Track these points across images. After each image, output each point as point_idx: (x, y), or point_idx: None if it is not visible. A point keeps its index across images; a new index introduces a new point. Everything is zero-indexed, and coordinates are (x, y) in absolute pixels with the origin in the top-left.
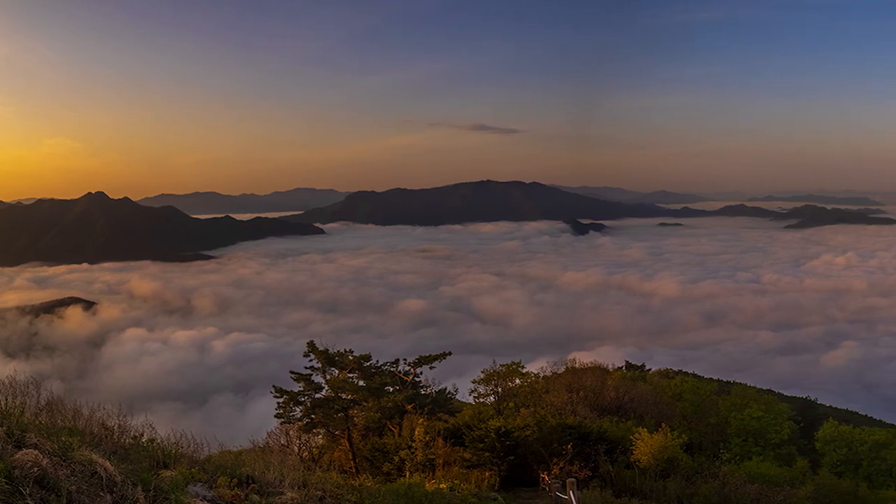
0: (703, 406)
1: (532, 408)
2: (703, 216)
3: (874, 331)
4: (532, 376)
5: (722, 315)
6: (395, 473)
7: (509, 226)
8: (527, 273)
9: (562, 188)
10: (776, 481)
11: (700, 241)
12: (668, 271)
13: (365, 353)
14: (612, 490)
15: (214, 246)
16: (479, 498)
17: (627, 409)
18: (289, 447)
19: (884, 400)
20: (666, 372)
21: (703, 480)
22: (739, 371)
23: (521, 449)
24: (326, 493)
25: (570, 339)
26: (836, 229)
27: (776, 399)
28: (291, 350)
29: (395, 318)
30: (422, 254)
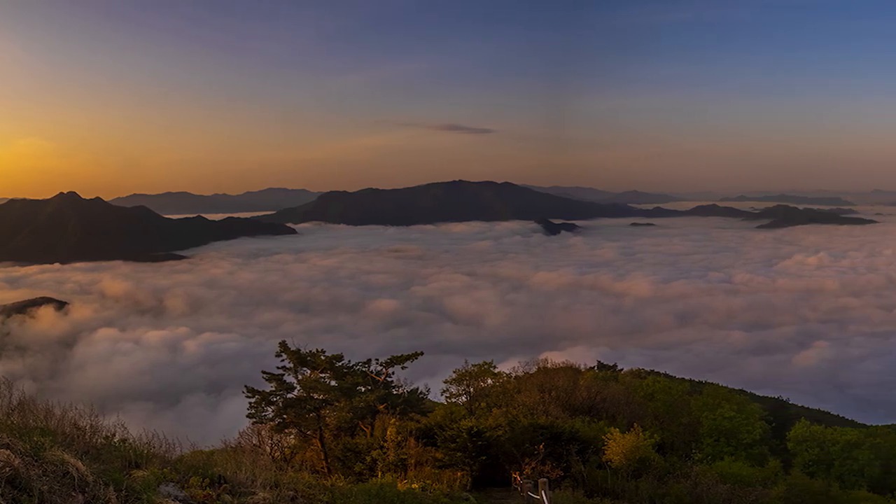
0: (675, 406)
1: (504, 408)
2: (675, 216)
3: (846, 331)
4: (504, 376)
5: (694, 315)
6: (367, 473)
7: (481, 226)
8: (498, 273)
9: (534, 188)
10: (748, 481)
11: (672, 241)
12: (640, 271)
13: (337, 353)
14: (584, 490)
15: (186, 246)
16: (450, 498)
17: (599, 409)
18: (261, 447)
19: (855, 400)
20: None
21: (675, 480)
22: (711, 371)
23: (492, 449)
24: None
25: (542, 339)
26: (808, 229)
27: (748, 399)
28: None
29: (366, 318)
30: (394, 254)
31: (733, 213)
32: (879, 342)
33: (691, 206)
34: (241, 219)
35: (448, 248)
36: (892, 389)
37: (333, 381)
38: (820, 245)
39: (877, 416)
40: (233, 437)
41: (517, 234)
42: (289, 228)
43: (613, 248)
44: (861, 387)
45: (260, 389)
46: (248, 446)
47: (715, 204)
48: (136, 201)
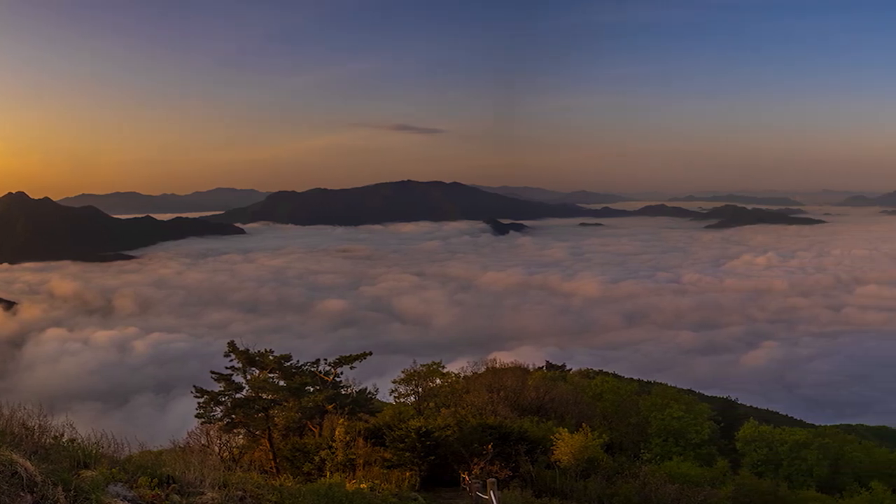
0: (623, 406)
1: (452, 408)
2: (623, 216)
3: (794, 331)
4: (452, 376)
5: (642, 315)
6: (315, 473)
7: (430, 226)
8: (447, 273)
9: (482, 188)
10: (696, 481)
11: (620, 241)
12: (589, 271)
13: (285, 353)
14: (533, 490)
15: (135, 246)
16: (399, 498)
17: (548, 408)
18: (209, 447)
19: (804, 400)
20: (586, 372)
21: (623, 480)
22: (660, 371)
23: (441, 449)
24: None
25: (491, 339)
26: (756, 229)
27: (697, 399)
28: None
29: (315, 318)
30: (342, 254)
31: (681, 214)
32: (827, 342)
33: (640, 207)
34: (189, 219)
35: (396, 248)
36: (840, 389)
37: (282, 381)
38: (768, 245)
39: (825, 416)
40: (181, 437)
41: (466, 234)
42: (237, 228)
43: (562, 248)
44: (809, 387)
45: (208, 389)
46: (196, 446)
47: (663, 204)
48: (85, 201)
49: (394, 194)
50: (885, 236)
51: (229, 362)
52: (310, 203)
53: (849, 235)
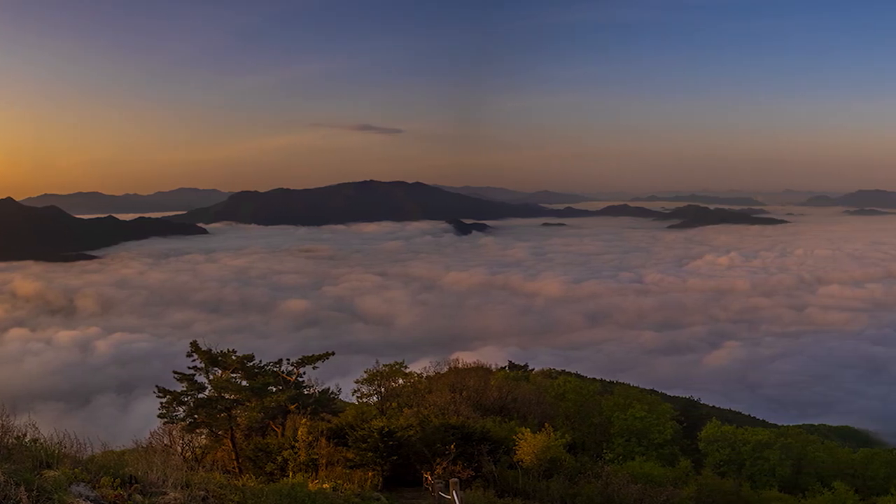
0: (586, 406)
1: (415, 408)
2: (586, 216)
3: (757, 331)
4: (415, 376)
5: (605, 315)
6: (278, 473)
7: (392, 226)
8: (410, 273)
9: (445, 188)
10: (659, 481)
11: (583, 241)
12: (552, 271)
13: (248, 353)
14: (496, 490)
15: (97, 246)
16: (362, 498)
17: (510, 409)
18: (172, 447)
19: (766, 400)
20: (549, 372)
21: (586, 480)
22: (622, 371)
23: (404, 449)
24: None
25: (454, 339)
26: (718, 229)
27: (659, 399)
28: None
29: (277, 318)
30: (305, 254)
31: (644, 213)
32: (790, 342)
33: (602, 207)
34: (152, 219)
35: (359, 248)
36: (802, 389)
37: (244, 381)
38: (731, 245)
39: (788, 416)
40: (144, 437)
41: (428, 234)
42: (200, 228)
43: (524, 248)
44: (772, 387)
45: (171, 389)
46: (159, 446)
47: (626, 204)
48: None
49: (356, 194)
50: (848, 236)
51: (192, 362)
52: (272, 203)
53: (811, 235)
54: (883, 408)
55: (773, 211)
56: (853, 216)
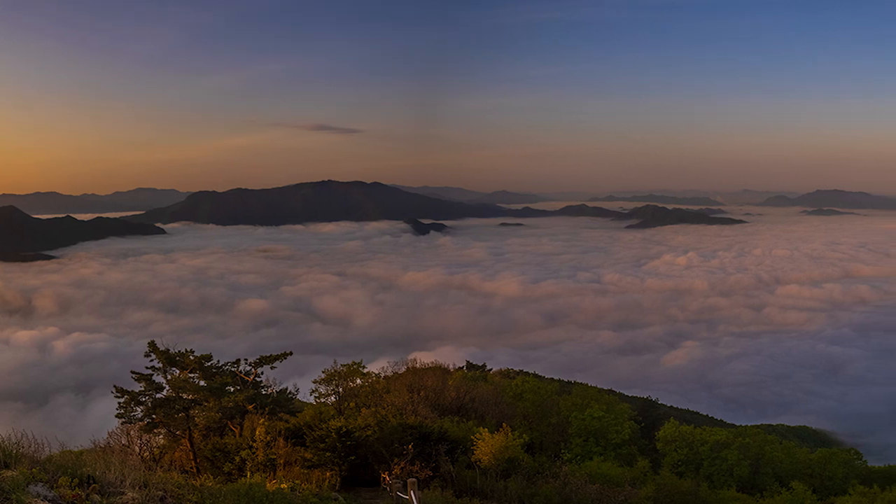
0: (544, 406)
1: (373, 408)
2: (544, 216)
3: (715, 331)
4: (373, 376)
5: (563, 315)
6: (236, 473)
7: (350, 226)
8: (368, 273)
9: (403, 188)
10: (617, 481)
11: (541, 241)
12: (509, 271)
13: (206, 353)
14: (454, 490)
15: (55, 246)
16: (320, 498)
17: (468, 409)
18: (130, 447)
19: (725, 400)
20: (507, 372)
21: (544, 480)
22: (580, 371)
23: (362, 449)
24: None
25: (411, 339)
26: (676, 229)
27: (617, 399)
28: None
29: (236, 318)
30: (263, 254)
31: (602, 213)
32: (748, 342)
33: (560, 206)
34: (110, 219)
35: (317, 248)
36: (760, 389)
37: (202, 381)
38: (689, 245)
39: (746, 416)
40: (102, 437)
41: (386, 234)
42: (158, 228)
43: (482, 248)
44: (730, 387)
45: (129, 389)
46: (117, 446)
47: (584, 204)
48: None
49: (314, 194)
50: (806, 236)
51: (150, 362)
52: (230, 203)
53: (769, 235)
54: (840, 408)
55: (731, 211)
56: (811, 216)
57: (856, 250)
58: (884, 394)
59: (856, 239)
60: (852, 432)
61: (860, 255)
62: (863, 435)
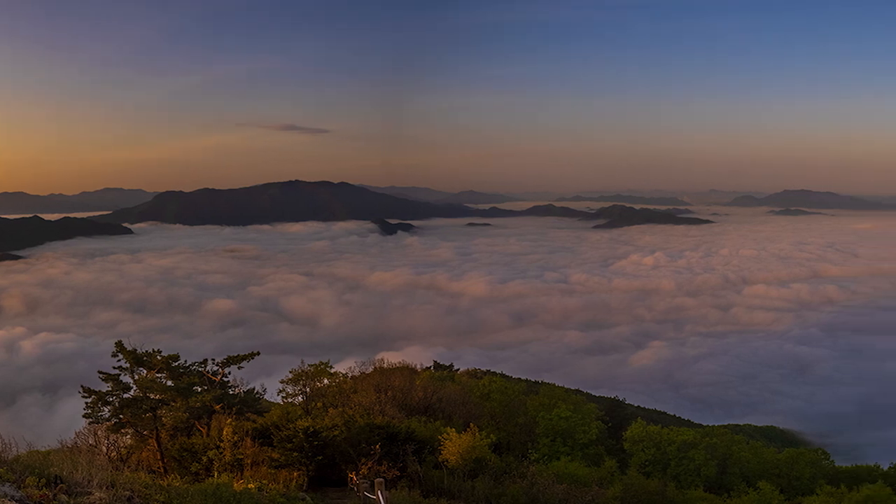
0: (511, 406)
1: (340, 408)
2: (511, 216)
3: (682, 331)
4: (340, 376)
5: (530, 315)
6: (203, 473)
7: (318, 226)
8: (335, 273)
9: (370, 188)
10: (584, 481)
11: (508, 241)
12: (477, 271)
13: (173, 353)
14: (421, 490)
15: (22, 246)
16: (287, 498)
17: (436, 409)
18: (97, 447)
19: (691, 400)
20: (474, 372)
21: (511, 480)
22: (548, 371)
23: (329, 449)
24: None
25: (379, 339)
26: (643, 229)
27: (584, 399)
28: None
29: (203, 318)
30: (230, 254)
31: (569, 214)
32: (715, 342)
33: (527, 207)
34: (77, 219)
35: (285, 248)
36: (727, 389)
37: (170, 381)
38: (656, 245)
39: (713, 416)
40: (69, 438)
41: (353, 234)
42: (125, 228)
43: (450, 248)
44: (697, 387)
45: (96, 389)
46: (84, 446)
47: (551, 204)
48: None
49: (281, 194)
50: (773, 236)
51: (117, 362)
52: (197, 203)
53: (737, 235)
54: (808, 408)
55: (698, 211)
56: (778, 216)
57: (823, 250)
58: (851, 394)
59: (823, 239)
60: (820, 432)
61: (828, 255)
62: (830, 435)
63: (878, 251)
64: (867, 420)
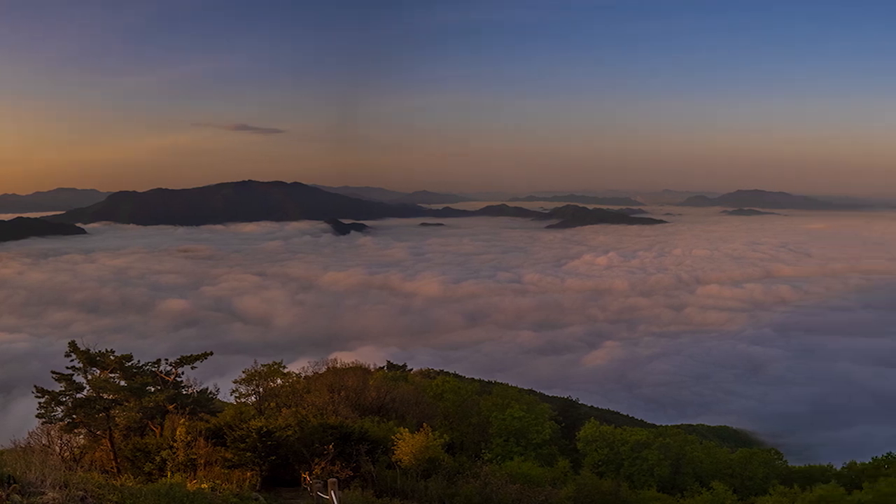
0: (464, 406)
1: (293, 408)
2: (464, 216)
3: (635, 331)
4: (293, 376)
5: (483, 315)
6: (156, 473)
7: (271, 226)
8: (288, 273)
9: (323, 188)
10: (537, 481)
11: (462, 241)
12: (430, 271)
13: (126, 353)
14: (374, 490)
15: None
16: (240, 498)
17: (389, 409)
18: (50, 447)
19: (645, 400)
20: (427, 372)
21: (464, 480)
22: (501, 371)
23: (282, 449)
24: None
25: (332, 339)
26: (597, 229)
27: (538, 399)
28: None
29: (156, 318)
30: (183, 254)
31: (522, 214)
32: (668, 342)
33: (481, 206)
34: (30, 219)
35: (238, 248)
36: (681, 389)
37: (123, 381)
38: (609, 245)
39: (666, 416)
40: (22, 438)
41: (307, 235)
42: (78, 228)
43: (403, 248)
44: (650, 387)
45: (49, 389)
46: (37, 446)
47: (504, 204)
48: None
49: (235, 194)
50: (726, 236)
51: (70, 362)
52: (151, 203)
53: (690, 235)
54: (761, 408)
55: (651, 211)
56: (731, 216)
57: (776, 250)
58: (804, 394)
59: (776, 239)
60: (773, 432)
61: (781, 255)
62: (783, 435)
63: (830, 251)
64: (819, 420)
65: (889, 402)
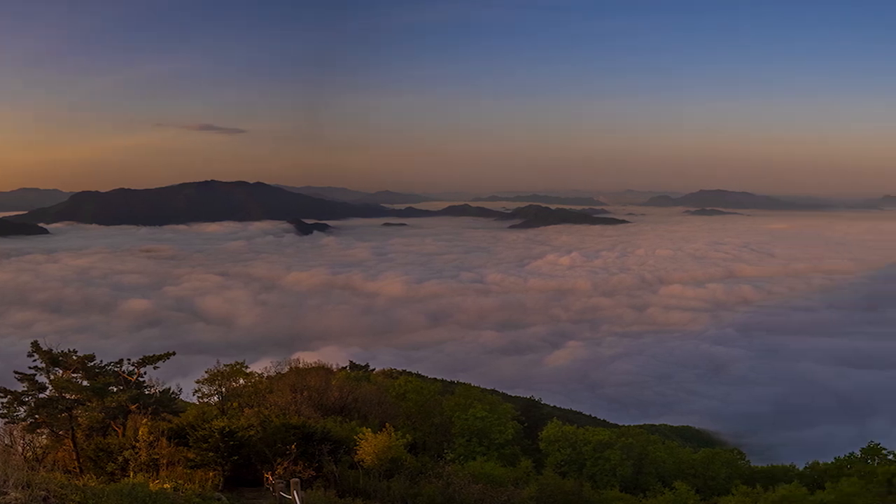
0: (427, 406)
1: (256, 408)
2: (427, 216)
3: (598, 331)
4: (256, 376)
5: (446, 315)
6: (119, 473)
7: (234, 226)
8: (251, 273)
9: (286, 188)
10: (500, 481)
11: (424, 241)
12: (393, 271)
13: (89, 353)
14: (337, 490)
15: None
16: (202, 498)
17: (351, 409)
18: (13, 447)
19: (607, 400)
20: (390, 372)
21: (427, 480)
22: (464, 371)
23: (245, 449)
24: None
25: (295, 338)
26: (560, 229)
27: (500, 399)
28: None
29: (119, 318)
30: (146, 254)
31: (485, 214)
32: (631, 342)
33: (444, 207)
34: None
35: (201, 248)
36: (643, 389)
37: (85, 381)
38: (572, 245)
39: (629, 416)
40: None
41: (270, 235)
42: (41, 228)
43: (366, 248)
44: (613, 387)
45: (12, 389)
46: None
47: (467, 204)
48: None
49: (197, 194)
50: (688, 236)
51: (33, 362)
52: (113, 203)
53: (653, 235)
54: (723, 408)
55: (614, 211)
56: (694, 216)
57: (739, 250)
58: (766, 394)
59: (739, 239)
60: (735, 432)
61: (743, 255)
62: (746, 435)
63: (792, 251)
64: (782, 420)
65: (851, 403)
